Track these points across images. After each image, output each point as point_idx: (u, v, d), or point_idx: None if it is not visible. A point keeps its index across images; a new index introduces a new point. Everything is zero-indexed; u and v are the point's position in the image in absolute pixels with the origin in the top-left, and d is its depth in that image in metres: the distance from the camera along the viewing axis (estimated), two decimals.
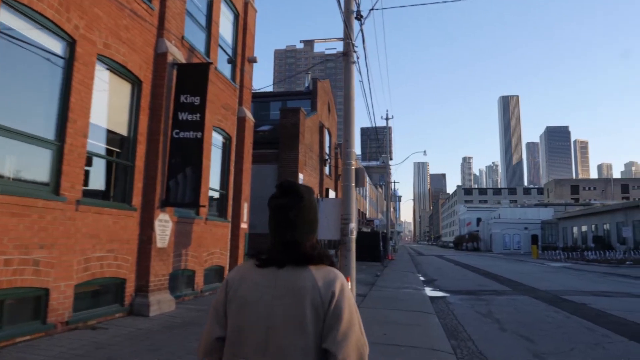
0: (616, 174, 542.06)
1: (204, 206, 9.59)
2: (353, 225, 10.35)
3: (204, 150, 11.08)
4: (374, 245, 28.80)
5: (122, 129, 8.45)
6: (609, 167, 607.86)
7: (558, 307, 11.42)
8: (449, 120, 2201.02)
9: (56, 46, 6.78)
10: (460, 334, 8.14)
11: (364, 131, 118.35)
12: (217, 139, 12.38)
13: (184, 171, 8.97)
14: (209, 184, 11.47)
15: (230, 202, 12.97)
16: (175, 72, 9.36)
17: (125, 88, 8.50)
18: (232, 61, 13.38)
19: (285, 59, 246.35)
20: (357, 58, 11.33)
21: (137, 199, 8.52)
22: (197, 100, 9.17)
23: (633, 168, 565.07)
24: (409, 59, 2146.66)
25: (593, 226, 56.49)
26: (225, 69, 12.92)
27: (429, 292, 14.96)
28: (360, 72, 12.21)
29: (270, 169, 21.16)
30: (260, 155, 21.53)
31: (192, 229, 10.59)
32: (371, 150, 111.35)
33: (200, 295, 10.99)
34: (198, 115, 9.11)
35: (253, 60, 14.05)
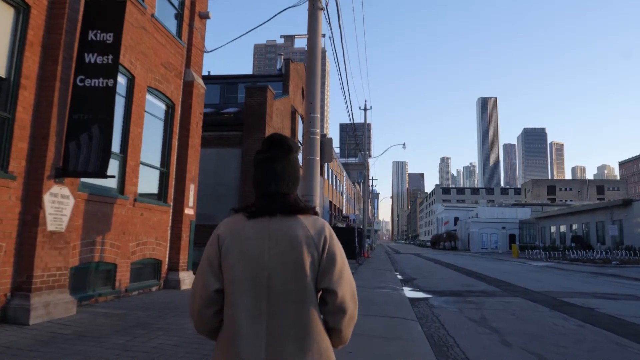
0: (589, 177, 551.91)
1: (112, 176, 7.28)
2: (316, 209, 8.24)
3: (132, 114, 8.88)
4: (349, 241, 26.76)
5: None
6: (583, 169, 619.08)
7: (563, 312, 9.49)
8: (428, 120, 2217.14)
9: None
10: (452, 351, 6.09)
11: (343, 127, 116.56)
12: (155, 104, 10.12)
13: (90, 130, 6.71)
14: (139, 157, 9.22)
15: (172, 182, 10.73)
16: (82, 0, 7.09)
17: (3, 13, 6.21)
18: (179, 15, 11.13)
19: (265, 54, 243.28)
20: (326, 4, 9.22)
21: (17, 164, 6.23)
22: (109, 37, 6.90)
23: (605, 171, 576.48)
24: (387, 54, 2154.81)
25: (573, 226, 55.68)
26: (170, 22, 10.66)
27: (409, 292, 12.95)
28: (330, 25, 10.14)
29: (234, 153, 18.93)
30: (223, 138, 19.28)
31: (113, 211, 8.32)
32: (350, 147, 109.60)
33: (124, 295, 8.73)
34: (110, 57, 6.85)
35: (205, 16, 11.81)
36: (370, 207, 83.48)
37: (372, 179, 76.67)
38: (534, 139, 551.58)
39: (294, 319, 1.63)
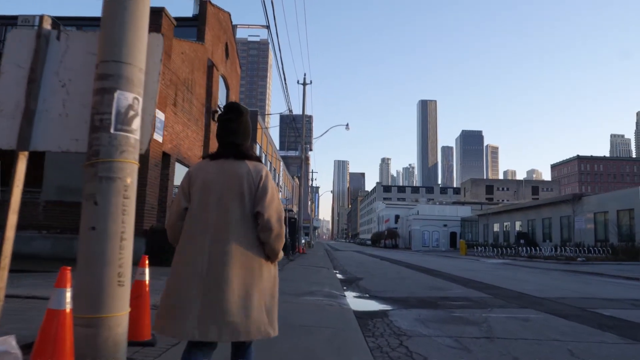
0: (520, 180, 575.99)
1: None
2: (136, 101, 3.26)
3: None
4: None
5: None
6: (514, 173, 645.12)
7: None
8: (371, 120, 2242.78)
9: None
10: None
11: (283, 119, 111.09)
12: None
13: None
14: None
15: None
16: None
17: None
18: None
19: None
20: None
21: None
22: None
23: (534, 175, 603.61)
24: (330, 48, 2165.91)
25: (517, 223, 53.51)
26: None
27: (354, 301, 8.10)
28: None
29: None
30: None
31: None
32: (290, 139, 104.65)
33: None
34: None
35: None
36: (310, 202, 78.87)
37: (313, 172, 72.09)
38: (471, 141, 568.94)
39: (234, 229, 2.39)
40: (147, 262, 4.07)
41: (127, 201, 3.00)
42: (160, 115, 13.46)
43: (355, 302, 8.08)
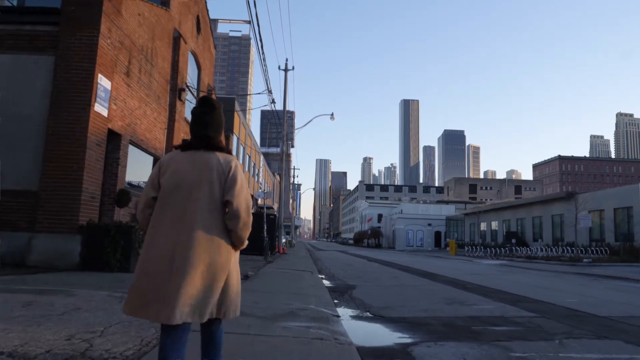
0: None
1: None
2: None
3: None
4: (255, 229, 19.05)
5: None
6: (494, 173, 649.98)
7: None
8: (353, 120, 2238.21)
9: None
10: None
11: (264, 114, 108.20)
12: None
13: None
14: None
15: None
16: None
17: None
18: None
19: None
20: None
21: None
22: None
23: (514, 175, 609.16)
24: (313, 44, 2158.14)
25: (505, 222, 51.69)
26: None
27: (354, 327, 5.58)
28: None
29: (42, 63, 10.60)
30: (24, 36, 10.85)
31: None
32: (271, 135, 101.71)
33: None
34: None
35: None
36: (291, 200, 76.24)
37: (294, 169, 69.43)
38: (453, 140, 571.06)
39: (201, 216, 2.45)
40: None
41: None
42: (104, 82, 10.74)
43: (356, 328, 5.55)
